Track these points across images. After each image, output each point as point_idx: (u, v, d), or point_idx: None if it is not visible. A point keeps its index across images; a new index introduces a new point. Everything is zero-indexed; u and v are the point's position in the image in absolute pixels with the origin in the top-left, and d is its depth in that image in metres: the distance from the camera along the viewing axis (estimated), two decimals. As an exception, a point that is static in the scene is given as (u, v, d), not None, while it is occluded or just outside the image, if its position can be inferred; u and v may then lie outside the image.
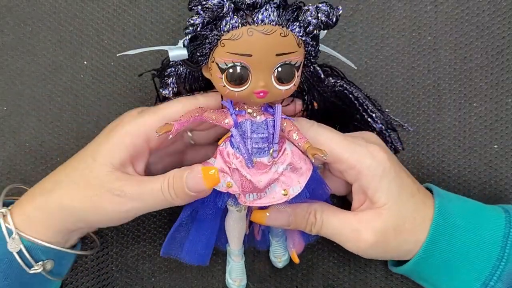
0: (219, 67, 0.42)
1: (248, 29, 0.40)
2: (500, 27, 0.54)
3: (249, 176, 0.45)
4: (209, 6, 0.40)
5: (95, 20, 0.56)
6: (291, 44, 0.41)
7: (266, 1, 0.41)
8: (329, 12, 0.42)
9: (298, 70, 0.43)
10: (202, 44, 0.42)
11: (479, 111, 0.54)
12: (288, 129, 0.45)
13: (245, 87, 0.42)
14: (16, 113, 0.56)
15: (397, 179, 0.46)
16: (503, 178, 0.54)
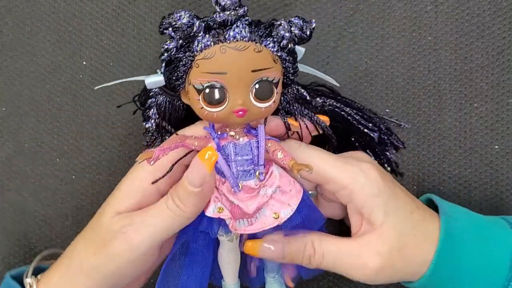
0: (196, 88, 0.41)
1: (220, 46, 0.40)
2: (500, 27, 0.54)
3: (237, 201, 0.44)
4: (179, 26, 0.40)
5: (94, 20, 0.55)
6: (266, 60, 0.41)
7: (237, 18, 0.40)
8: (302, 25, 0.42)
9: (277, 86, 0.42)
10: (177, 67, 0.42)
11: (480, 112, 0.54)
12: (273, 149, 0.44)
13: (223, 106, 0.41)
14: (15, 113, 0.56)
15: (393, 197, 0.44)
16: (504, 179, 0.54)
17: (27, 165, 0.56)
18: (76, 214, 0.56)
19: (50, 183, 0.56)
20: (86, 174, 0.56)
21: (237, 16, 0.40)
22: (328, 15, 0.54)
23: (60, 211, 0.56)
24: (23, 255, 0.57)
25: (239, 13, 0.40)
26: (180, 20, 0.40)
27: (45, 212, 0.56)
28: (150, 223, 0.43)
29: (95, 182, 0.56)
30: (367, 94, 0.54)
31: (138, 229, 0.42)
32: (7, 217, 0.57)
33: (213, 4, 0.41)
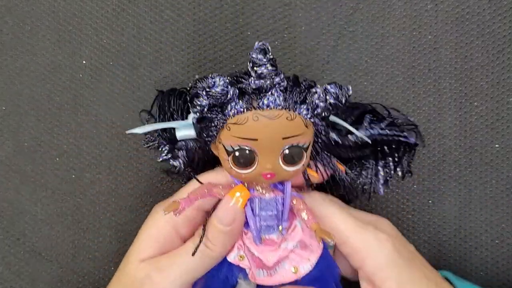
0: (226, 149, 0.41)
1: (253, 114, 0.40)
2: (501, 26, 0.54)
3: (257, 253, 0.44)
4: (212, 93, 0.40)
5: (94, 19, 0.55)
6: (298, 127, 0.40)
7: (273, 85, 0.40)
8: (338, 94, 0.41)
9: (307, 150, 0.42)
10: (208, 126, 0.41)
11: (480, 110, 0.54)
12: (298, 207, 0.44)
13: (252, 169, 0.41)
14: (15, 112, 0.56)
15: (408, 269, 0.44)
16: (504, 178, 0.54)
17: (26, 164, 0.56)
18: (76, 213, 0.56)
19: (49, 182, 0.56)
20: (86, 174, 0.56)
21: (272, 84, 0.40)
22: (328, 14, 0.54)
23: (60, 210, 0.56)
24: (23, 254, 0.57)
25: (275, 81, 0.40)
26: (214, 88, 0.40)
27: (45, 211, 0.56)
28: (178, 266, 0.43)
29: (95, 182, 0.56)
30: (367, 93, 0.54)
31: (165, 272, 0.43)
32: (7, 216, 0.57)
33: (249, 69, 0.40)
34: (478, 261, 0.54)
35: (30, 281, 0.57)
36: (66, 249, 0.57)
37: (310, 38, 0.54)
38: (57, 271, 0.57)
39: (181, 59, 0.55)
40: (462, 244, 0.55)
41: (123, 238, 0.56)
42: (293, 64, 0.54)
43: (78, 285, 0.57)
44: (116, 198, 0.56)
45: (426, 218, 0.55)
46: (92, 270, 0.56)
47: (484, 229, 0.54)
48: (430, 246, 0.55)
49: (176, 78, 0.55)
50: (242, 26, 0.55)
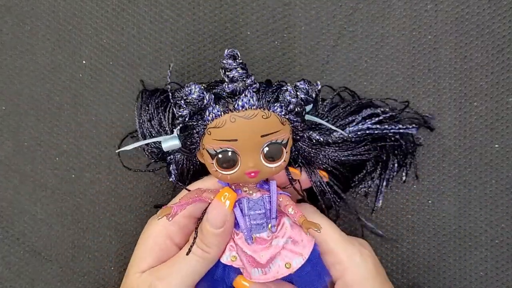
0: (209, 153, 0.44)
1: (230, 116, 0.42)
2: (500, 26, 0.54)
3: (250, 252, 0.46)
4: (190, 100, 0.42)
5: (94, 19, 0.55)
6: (274, 124, 0.43)
7: (245, 87, 0.42)
8: (307, 89, 0.43)
9: (286, 146, 0.44)
10: (191, 134, 0.44)
11: (480, 110, 0.54)
12: (284, 204, 0.46)
13: (236, 169, 0.44)
14: (14, 112, 0.56)
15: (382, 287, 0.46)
16: (504, 178, 0.54)
17: (26, 164, 0.56)
18: (75, 213, 0.56)
19: (49, 182, 0.56)
20: (86, 173, 0.56)
21: (244, 86, 0.42)
22: (328, 14, 0.54)
23: (59, 210, 0.56)
24: (23, 254, 0.57)
25: (247, 83, 0.42)
26: (191, 95, 0.42)
27: (45, 211, 0.56)
28: (177, 272, 0.45)
29: (94, 181, 0.56)
30: (366, 93, 0.54)
31: (166, 280, 0.45)
32: (6, 216, 0.57)
33: (222, 75, 0.43)
34: (478, 261, 0.54)
35: (30, 281, 0.57)
36: (65, 249, 0.57)
37: (310, 38, 0.54)
38: (56, 271, 0.57)
39: (180, 59, 0.55)
40: (461, 244, 0.55)
41: (123, 238, 0.56)
42: (293, 64, 0.54)
43: (78, 284, 0.57)
44: (116, 198, 0.56)
45: (426, 218, 0.55)
46: (92, 270, 0.56)
47: (484, 229, 0.54)
48: (430, 246, 0.55)
49: (175, 78, 0.55)
50: (242, 26, 0.55)
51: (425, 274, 0.55)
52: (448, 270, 0.55)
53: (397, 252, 0.55)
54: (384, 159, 0.52)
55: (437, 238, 0.55)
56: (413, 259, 0.55)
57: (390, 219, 0.55)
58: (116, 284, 0.56)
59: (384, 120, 0.51)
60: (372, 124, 0.50)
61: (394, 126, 0.51)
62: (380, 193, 0.54)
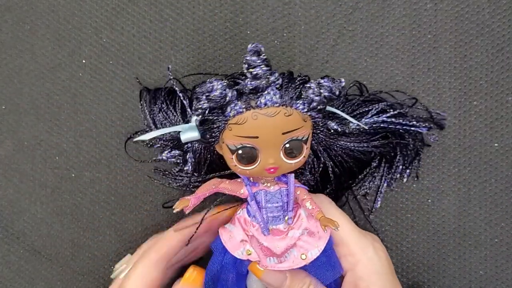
0: (229, 148, 0.43)
1: (252, 113, 0.42)
2: (500, 25, 0.54)
3: (266, 243, 0.46)
4: (212, 97, 0.42)
5: (93, 18, 0.55)
6: (296, 121, 0.42)
7: (268, 84, 0.42)
8: (331, 87, 0.42)
9: (306, 142, 0.44)
10: (211, 128, 0.43)
11: (479, 110, 0.54)
12: (302, 197, 0.46)
13: (256, 165, 0.43)
14: (14, 111, 0.56)
15: (392, 283, 0.46)
16: (503, 177, 0.54)
17: (26, 163, 0.56)
18: (75, 212, 0.56)
19: (49, 181, 0.56)
20: (86, 172, 0.56)
21: (268, 83, 0.42)
22: (328, 13, 0.54)
23: (59, 209, 0.56)
24: (23, 253, 0.57)
25: (270, 80, 0.42)
26: (213, 92, 0.41)
27: (44, 210, 0.56)
28: None
29: (94, 181, 0.56)
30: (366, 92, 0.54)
31: None
32: (6, 215, 0.57)
33: (244, 71, 0.42)
34: (478, 260, 0.54)
35: (30, 280, 0.57)
36: (65, 248, 0.57)
37: (310, 37, 0.54)
38: (56, 270, 0.57)
39: (180, 58, 0.55)
40: (461, 243, 0.55)
41: (122, 237, 0.56)
42: (293, 63, 0.54)
43: (78, 284, 0.57)
44: (116, 197, 0.56)
45: (425, 217, 0.55)
46: (91, 269, 0.56)
47: (484, 228, 0.54)
48: (429, 245, 0.55)
49: (175, 77, 0.55)
50: (242, 25, 0.55)
51: (425, 273, 0.55)
52: (448, 269, 0.55)
53: (397, 251, 0.55)
54: (391, 156, 0.52)
55: (436, 237, 0.55)
56: (413, 258, 0.55)
57: (390, 218, 0.55)
58: (116, 283, 0.56)
59: (399, 115, 0.51)
60: (388, 118, 0.50)
61: (408, 121, 0.51)
62: (380, 193, 0.54)
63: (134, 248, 0.56)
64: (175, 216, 0.53)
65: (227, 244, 0.46)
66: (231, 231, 0.47)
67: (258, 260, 0.46)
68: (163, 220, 0.56)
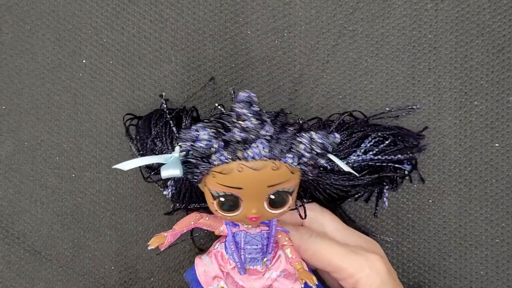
0: (211, 193, 0.42)
1: (238, 164, 0.40)
2: (501, 25, 0.54)
3: (242, 282, 0.45)
4: (196, 147, 0.40)
5: (94, 18, 0.55)
6: (283, 174, 0.41)
7: (258, 137, 0.39)
8: (324, 143, 0.41)
9: (292, 193, 0.42)
10: (194, 171, 0.41)
11: (480, 110, 0.54)
12: (282, 242, 0.45)
13: (237, 213, 0.42)
14: (14, 111, 0.56)
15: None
16: (504, 177, 0.54)
17: (26, 163, 0.56)
18: (75, 212, 0.56)
19: (49, 181, 0.56)
20: (86, 173, 0.56)
21: (257, 136, 0.40)
22: (328, 13, 0.54)
23: (59, 209, 0.56)
24: (23, 253, 0.57)
25: (260, 134, 0.40)
26: (198, 142, 0.40)
27: (45, 210, 0.56)
28: None
29: (94, 181, 0.56)
30: (367, 92, 0.54)
31: None
32: (6, 215, 0.57)
33: (233, 120, 0.40)
34: (478, 260, 0.54)
35: (30, 280, 0.57)
36: (66, 248, 0.57)
37: (310, 37, 0.54)
38: (57, 270, 0.57)
39: (181, 58, 0.55)
40: (462, 243, 0.55)
41: (123, 237, 0.56)
42: (293, 63, 0.54)
43: (78, 284, 0.57)
44: (116, 197, 0.56)
45: (426, 217, 0.55)
46: (92, 269, 0.56)
47: (484, 228, 0.54)
48: (430, 245, 0.55)
49: (176, 77, 0.55)
50: (242, 25, 0.55)
51: (425, 273, 0.55)
52: (448, 270, 0.55)
53: (398, 252, 0.55)
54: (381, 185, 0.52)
55: (437, 237, 0.55)
56: (414, 259, 0.55)
57: (390, 218, 0.55)
58: (116, 284, 0.56)
59: (384, 151, 0.49)
60: (374, 155, 0.48)
61: (393, 157, 0.49)
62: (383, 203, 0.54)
63: (134, 249, 0.56)
64: (175, 216, 0.53)
65: (201, 277, 0.46)
66: (206, 265, 0.46)
67: None
68: (163, 220, 0.56)
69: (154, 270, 0.56)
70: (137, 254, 0.56)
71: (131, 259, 0.56)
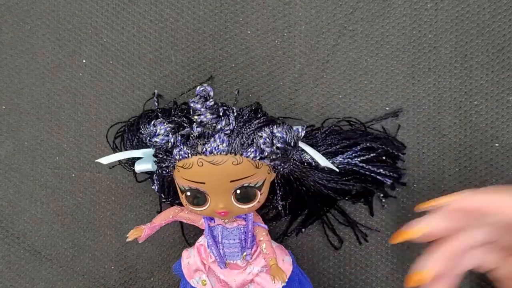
0: (179, 187, 0.42)
1: (198, 159, 0.40)
2: (500, 24, 0.54)
3: (223, 276, 0.45)
4: (153, 142, 0.41)
5: (94, 18, 0.55)
6: (246, 169, 0.41)
7: (216, 131, 0.40)
8: (284, 138, 0.40)
9: (261, 188, 0.42)
10: (161, 166, 0.42)
11: (480, 109, 0.54)
12: (259, 238, 0.45)
13: (205, 207, 0.42)
14: (15, 111, 0.56)
15: None
16: (504, 177, 0.54)
17: (26, 163, 0.56)
18: (75, 212, 0.56)
19: (49, 181, 0.56)
20: (86, 172, 0.56)
21: (214, 130, 0.40)
22: (328, 13, 0.54)
23: (59, 209, 0.56)
24: (23, 253, 0.57)
25: (217, 128, 0.40)
26: (155, 137, 0.40)
27: (45, 210, 0.56)
28: None
29: (94, 181, 0.56)
30: (366, 92, 0.54)
31: None
32: (6, 215, 0.57)
33: (191, 116, 0.40)
34: (478, 260, 0.54)
35: (30, 280, 0.57)
36: (66, 248, 0.57)
37: (310, 37, 0.54)
38: (57, 270, 0.57)
39: (181, 58, 0.55)
40: (462, 243, 0.55)
41: (123, 237, 0.56)
42: (293, 63, 0.54)
43: (78, 284, 0.57)
44: (116, 197, 0.56)
45: (426, 217, 0.55)
46: (92, 269, 0.56)
47: (484, 228, 0.54)
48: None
49: (176, 77, 0.55)
50: (242, 25, 0.55)
51: (425, 273, 0.55)
52: (448, 269, 0.55)
53: (398, 252, 0.55)
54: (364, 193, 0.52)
55: (437, 237, 0.55)
56: (414, 258, 0.55)
57: (390, 218, 0.55)
58: (116, 284, 0.56)
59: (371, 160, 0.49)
60: (360, 162, 0.48)
61: (376, 169, 0.48)
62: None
63: (134, 248, 0.56)
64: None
65: (185, 270, 0.46)
66: (190, 257, 0.46)
67: None
68: (163, 220, 0.56)
69: (154, 270, 0.56)
70: (137, 254, 0.56)
71: (131, 259, 0.56)
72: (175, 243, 0.56)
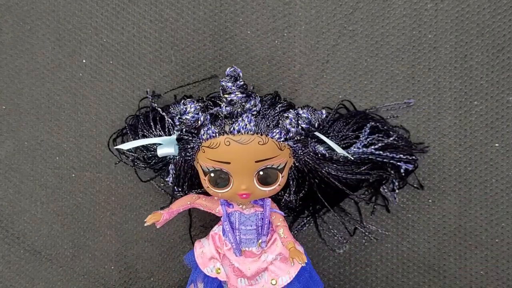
0: (202, 169, 0.43)
1: (225, 138, 0.41)
2: (500, 25, 0.54)
3: (237, 264, 0.46)
4: (183, 120, 0.42)
5: (94, 18, 0.55)
6: (271, 150, 0.42)
7: (243, 111, 0.41)
8: (310, 119, 0.42)
9: (283, 171, 0.43)
10: (186, 148, 0.44)
11: (480, 109, 0.54)
12: (276, 223, 0.46)
13: (228, 189, 0.43)
14: (15, 111, 0.56)
15: None
16: (504, 177, 0.54)
17: (26, 163, 0.56)
18: (75, 212, 0.56)
19: (49, 181, 0.56)
20: (86, 173, 0.56)
21: (243, 110, 0.41)
22: (328, 13, 0.54)
23: (59, 209, 0.56)
24: (23, 253, 0.57)
25: (246, 107, 0.41)
26: (185, 114, 0.41)
27: (45, 210, 0.56)
28: None
29: (94, 181, 0.56)
30: (366, 92, 0.54)
31: None
32: (6, 215, 0.57)
33: (221, 95, 0.42)
34: (478, 260, 0.54)
35: (30, 280, 0.57)
36: (65, 248, 0.57)
37: (310, 37, 0.54)
38: (57, 270, 0.57)
39: (181, 58, 0.55)
40: (462, 243, 0.55)
41: (123, 237, 0.56)
42: (293, 63, 0.54)
43: (78, 284, 0.57)
44: (116, 197, 0.56)
45: (426, 217, 0.55)
46: (92, 269, 0.56)
47: (484, 228, 0.54)
48: (430, 245, 0.55)
49: (176, 77, 0.55)
50: (242, 25, 0.55)
51: (425, 273, 0.55)
52: (448, 269, 0.55)
53: (398, 251, 0.55)
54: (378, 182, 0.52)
55: (437, 237, 0.55)
56: (414, 258, 0.55)
57: (390, 218, 0.55)
58: (116, 284, 0.56)
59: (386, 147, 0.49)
60: (376, 150, 0.48)
61: (395, 155, 0.49)
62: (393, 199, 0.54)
63: (134, 248, 0.56)
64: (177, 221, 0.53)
65: (198, 259, 0.47)
66: (203, 247, 0.47)
67: (226, 280, 0.46)
68: (163, 220, 0.56)
69: (154, 270, 0.56)
70: (137, 254, 0.56)
71: (131, 259, 0.56)
72: (175, 243, 0.56)
